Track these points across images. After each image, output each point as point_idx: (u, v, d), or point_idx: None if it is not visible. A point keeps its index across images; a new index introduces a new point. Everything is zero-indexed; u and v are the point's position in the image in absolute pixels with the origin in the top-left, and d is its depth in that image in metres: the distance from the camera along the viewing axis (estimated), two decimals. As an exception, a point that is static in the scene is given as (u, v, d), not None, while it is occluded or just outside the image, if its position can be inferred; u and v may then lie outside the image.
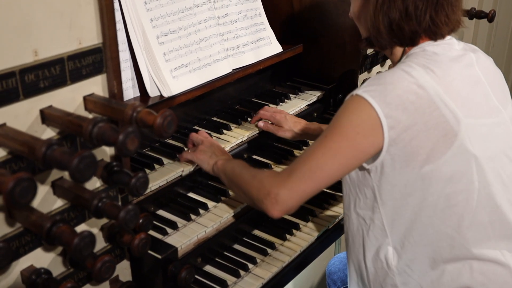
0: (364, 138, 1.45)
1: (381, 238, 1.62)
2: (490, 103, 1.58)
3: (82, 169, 1.03)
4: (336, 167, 1.49)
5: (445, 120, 1.45)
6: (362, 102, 1.45)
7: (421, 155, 1.46)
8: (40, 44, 1.18)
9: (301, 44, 2.36)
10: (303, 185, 1.50)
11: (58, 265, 1.36)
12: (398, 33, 1.57)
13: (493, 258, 1.57)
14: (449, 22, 1.58)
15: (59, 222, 1.14)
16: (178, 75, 1.87)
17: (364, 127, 1.45)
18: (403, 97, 1.44)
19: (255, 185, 1.58)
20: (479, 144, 1.50)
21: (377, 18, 1.56)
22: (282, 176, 1.54)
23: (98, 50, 1.30)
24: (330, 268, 2.26)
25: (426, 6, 1.53)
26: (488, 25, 3.61)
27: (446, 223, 1.54)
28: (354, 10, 1.68)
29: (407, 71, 1.48)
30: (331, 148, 1.47)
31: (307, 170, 1.50)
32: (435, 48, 1.57)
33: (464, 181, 1.51)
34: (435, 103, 1.45)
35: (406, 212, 1.55)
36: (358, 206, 1.63)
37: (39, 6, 1.16)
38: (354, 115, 1.46)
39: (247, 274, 1.75)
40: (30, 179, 0.99)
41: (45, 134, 1.24)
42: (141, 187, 1.27)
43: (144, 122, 1.18)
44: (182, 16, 1.92)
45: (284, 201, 1.51)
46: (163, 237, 1.67)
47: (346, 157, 1.48)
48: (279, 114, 2.07)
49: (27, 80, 1.17)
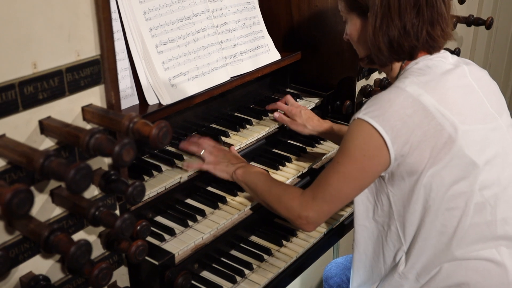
0: (370, 160, 1.56)
1: (398, 243, 1.70)
2: (485, 110, 1.65)
3: (78, 180, 1.06)
4: (351, 189, 1.64)
5: (442, 128, 1.53)
6: (364, 125, 1.55)
7: (423, 163, 1.55)
8: (39, 57, 1.21)
9: (299, 51, 2.39)
10: (327, 206, 1.67)
11: (56, 272, 1.39)
12: (398, 49, 1.65)
13: (488, 257, 1.64)
14: (445, 35, 1.67)
15: (56, 231, 1.17)
16: (176, 84, 1.90)
17: (369, 149, 1.55)
18: (401, 112, 1.53)
19: (282, 207, 1.74)
20: (476, 148, 1.58)
21: (377, 37, 1.65)
22: (307, 199, 1.68)
23: (96, 62, 1.33)
24: (327, 273, 2.29)
25: (422, 22, 1.62)
26: (487, 32, 3.63)
27: (446, 225, 1.61)
28: (352, 32, 1.75)
29: (401, 88, 1.57)
30: (343, 173, 1.60)
31: (327, 194, 1.65)
32: (429, 62, 1.65)
33: (463, 185, 1.58)
34: (431, 114, 1.53)
35: (414, 218, 1.64)
36: (377, 214, 1.72)
37: (39, 19, 1.19)
38: (357, 139, 1.57)
39: (243, 280, 1.78)
40: (27, 191, 1.01)
41: (43, 144, 1.27)
42: (137, 195, 1.30)
43: (140, 133, 1.21)
44: (181, 25, 1.95)
45: (314, 221, 1.69)
46: (161, 243, 1.70)
47: (357, 179, 1.61)
48: (295, 108, 2.18)
49: (26, 92, 1.20)
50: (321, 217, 1.69)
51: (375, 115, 1.54)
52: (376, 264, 1.79)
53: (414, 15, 1.61)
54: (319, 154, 2.20)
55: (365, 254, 1.80)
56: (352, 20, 1.73)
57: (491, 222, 1.63)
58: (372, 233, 1.75)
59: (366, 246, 1.79)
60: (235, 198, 1.92)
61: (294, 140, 2.28)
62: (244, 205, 1.89)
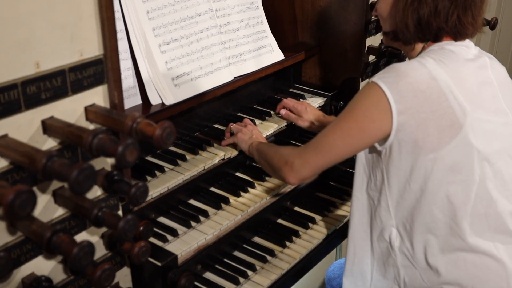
0: (371, 122, 1.56)
1: (386, 219, 1.70)
2: (498, 104, 1.65)
3: (81, 181, 1.05)
4: (343, 145, 1.62)
5: (452, 111, 1.53)
6: (375, 88, 1.55)
7: (426, 143, 1.55)
8: (42, 56, 1.20)
9: (303, 51, 2.38)
10: (315, 157, 1.66)
11: (58, 273, 1.38)
12: (425, 28, 1.65)
13: (486, 251, 1.64)
14: (474, 23, 1.66)
15: (59, 232, 1.16)
16: (179, 83, 1.89)
17: (373, 111, 1.56)
18: (414, 85, 1.53)
19: (276, 156, 1.77)
20: (483, 139, 1.57)
21: (406, 13, 1.64)
22: (299, 148, 1.72)
23: (99, 62, 1.32)
24: (330, 274, 2.28)
25: (454, 5, 1.61)
26: (491, 32, 3.62)
27: (444, 212, 1.61)
28: (382, 7, 1.74)
29: (421, 62, 1.58)
30: (341, 127, 1.61)
31: (319, 145, 1.65)
32: (452, 47, 1.65)
33: (464, 173, 1.58)
34: (444, 94, 1.53)
35: (409, 197, 1.63)
36: (369, 187, 1.72)
37: (42, 19, 1.18)
38: (365, 99, 1.58)
39: (246, 281, 1.77)
40: (29, 192, 1.01)
41: (46, 144, 1.26)
42: (140, 196, 1.29)
43: (144, 133, 1.20)
44: (184, 25, 1.94)
45: (298, 170, 1.68)
46: (164, 244, 1.69)
47: (353, 137, 1.60)
48: (300, 105, 2.19)
49: (28, 91, 1.19)
50: (306, 168, 1.68)
51: (389, 81, 1.54)
52: (366, 236, 1.79)
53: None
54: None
55: (355, 224, 1.80)
56: None
57: (490, 215, 1.63)
58: (363, 205, 1.76)
59: (357, 218, 1.79)
60: (238, 199, 1.92)
61: (297, 140, 2.27)
62: (247, 206, 1.88)
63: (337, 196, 2.20)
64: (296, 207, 2.12)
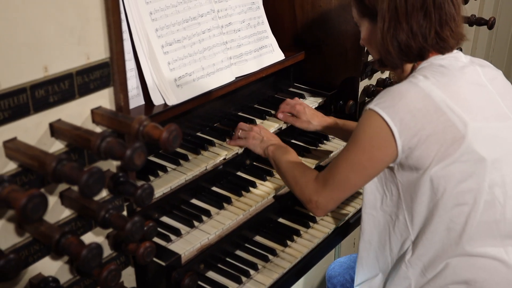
0: (379, 150, 1.60)
1: (405, 233, 1.73)
2: (498, 108, 1.67)
3: (90, 184, 1.07)
4: (360, 177, 1.68)
5: (452, 124, 1.55)
6: (374, 116, 1.58)
7: (431, 158, 1.57)
8: (50, 60, 1.21)
9: (303, 51, 2.40)
10: (336, 193, 1.73)
11: (65, 273, 1.39)
12: (407, 51, 1.67)
13: (496, 256, 1.66)
14: (455, 35, 1.67)
15: (67, 234, 1.18)
16: (182, 84, 1.91)
17: (378, 140, 1.59)
18: (410, 105, 1.55)
19: (298, 189, 1.82)
20: (487, 146, 1.59)
21: (386, 41, 1.67)
22: (319, 185, 1.75)
23: (105, 65, 1.33)
24: (330, 272, 2.30)
25: (429, 23, 1.62)
26: (488, 31, 3.64)
27: (454, 221, 1.63)
28: (364, 35, 1.78)
29: (413, 82, 1.60)
30: (352, 162, 1.65)
31: (337, 181, 1.70)
32: (441, 61, 1.66)
33: (472, 182, 1.60)
34: (441, 109, 1.55)
35: (422, 209, 1.66)
36: (385, 203, 1.74)
37: (50, 23, 1.19)
38: (368, 129, 1.60)
39: (248, 280, 1.79)
40: (41, 196, 1.02)
41: (54, 147, 1.27)
42: (146, 197, 1.30)
43: (150, 136, 1.21)
44: (186, 26, 1.95)
45: (324, 206, 1.75)
46: (167, 244, 1.70)
47: (366, 168, 1.64)
48: (299, 105, 2.20)
49: (37, 95, 1.20)
50: (330, 203, 1.75)
51: (385, 106, 1.56)
52: (381, 253, 1.81)
53: (421, 17, 1.61)
54: (324, 153, 2.21)
55: (370, 243, 1.82)
56: (364, 25, 1.76)
57: (499, 221, 1.65)
58: (379, 222, 1.78)
59: (371, 235, 1.81)
60: (240, 198, 1.93)
61: (298, 140, 2.29)
62: (249, 205, 1.90)
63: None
64: (297, 206, 2.14)
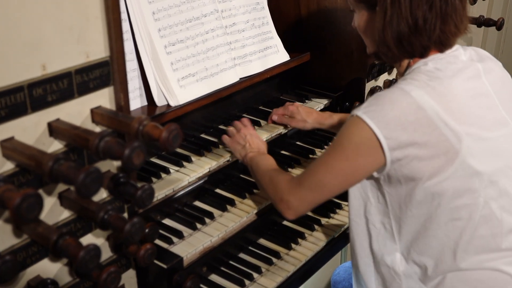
0: (364, 159, 1.51)
1: (390, 244, 1.65)
2: (497, 115, 1.58)
3: (87, 184, 1.05)
4: (338, 184, 1.59)
5: (445, 139, 1.47)
6: (361, 125, 1.48)
7: (423, 172, 1.49)
8: (48, 59, 1.19)
9: (308, 52, 2.37)
10: (310, 196, 1.63)
11: (64, 275, 1.37)
12: (408, 47, 1.57)
13: (494, 268, 1.59)
14: (458, 32, 1.59)
15: (65, 235, 1.16)
16: (185, 85, 1.89)
17: (364, 149, 1.49)
18: (402, 118, 1.46)
19: (271, 188, 1.73)
20: (483, 159, 1.51)
21: (386, 33, 1.56)
22: (293, 184, 1.66)
23: (105, 64, 1.31)
24: (335, 278, 2.27)
25: (435, 18, 1.52)
26: (497, 32, 3.60)
27: (449, 236, 1.56)
28: (360, 23, 1.67)
29: (406, 91, 1.48)
30: (333, 167, 1.56)
31: (313, 183, 1.60)
32: (438, 63, 1.56)
33: (467, 197, 1.52)
34: (434, 123, 1.46)
35: (412, 222, 1.58)
36: (368, 211, 1.66)
37: (49, 21, 1.18)
38: (354, 136, 1.51)
39: (252, 283, 1.76)
40: (36, 195, 1.00)
41: (52, 147, 1.25)
42: (146, 199, 1.29)
43: (150, 136, 1.19)
44: (189, 26, 1.93)
45: (295, 207, 1.65)
46: (169, 246, 1.68)
47: (347, 175, 1.56)
48: (291, 105, 2.14)
49: (35, 94, 1.18)
50: (303, 205, 1.65)
51: (375, 116, 1.46)
52: (368, 261, 1.73)
53: (427, 9, 1.51)
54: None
55: (358, 250, 1.74)
56: (360, 12, 1.65)
57: (496, 235, 1.57)
58: (362, 230, 1.70)
59: (360, 243, 1.73)
60: (244, 200, 1.91)
61: (303, 142, 2.27)
62: (252, 207, 1.87)
63: (343, 198, 2.18)
64: (301, 208, 2.11)
